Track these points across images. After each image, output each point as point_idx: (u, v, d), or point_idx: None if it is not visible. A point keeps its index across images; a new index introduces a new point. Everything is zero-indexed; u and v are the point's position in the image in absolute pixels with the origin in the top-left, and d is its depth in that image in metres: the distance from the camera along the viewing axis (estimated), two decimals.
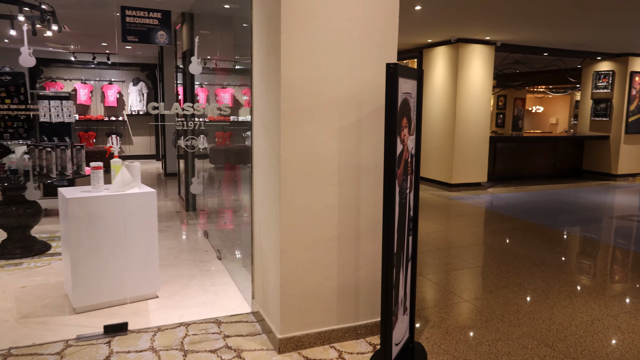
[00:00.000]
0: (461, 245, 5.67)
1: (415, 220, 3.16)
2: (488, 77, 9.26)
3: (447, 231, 6.29)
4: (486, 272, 4.74)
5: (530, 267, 4.87)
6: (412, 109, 3.00)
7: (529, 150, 10.94)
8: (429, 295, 4.15)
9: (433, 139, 9.79)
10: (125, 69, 12.79)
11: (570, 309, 3.88)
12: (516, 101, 18.66)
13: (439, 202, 8.30)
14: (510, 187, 9.96)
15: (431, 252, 5.39)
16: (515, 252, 5.41)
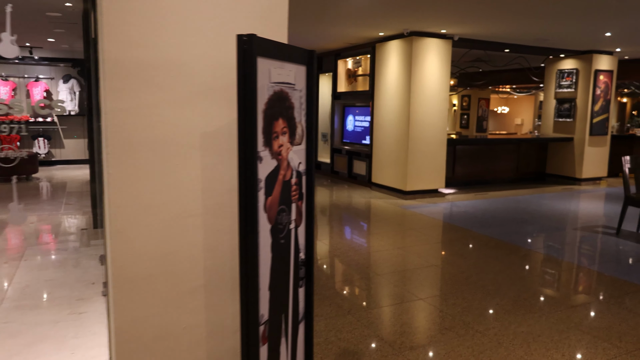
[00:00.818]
0: (406, 268, 4.82)
1: (310, 264, 2.26)
2: (445, 75, 8.49)
3: (393, 249, 5.44)
4: (430, 308, 3.89)
5: (483, 299, 4.05)
6: (297, 107, 2.10)
7: (490, 153, 10.24)
8: (348, 343, 3.27)
9: (386, 143, 8.98)
10: (55, 64, 11.60)
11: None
12: (480, 101, 18.10)
13: (391, 212, 7.47)
14: (470, 193, 9.22)
15: (368, 279, 4.53)
16: (467, 276, 4.59)
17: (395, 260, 5.08)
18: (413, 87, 8.24)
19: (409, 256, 5.23)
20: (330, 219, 7.01)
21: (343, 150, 10.66)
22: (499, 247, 5.59)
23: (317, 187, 9.99)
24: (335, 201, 8.42)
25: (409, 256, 5.23)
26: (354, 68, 10.31)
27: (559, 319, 3.69)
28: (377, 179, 9.30)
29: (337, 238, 6.03)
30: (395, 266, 4.89)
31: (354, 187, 9.82)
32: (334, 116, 10.96)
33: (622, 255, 5.37)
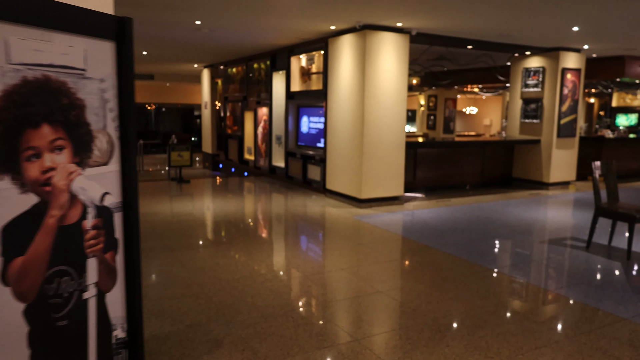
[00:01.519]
0: (345, 297, 4.08)
1: (137, 343, 1.48)
2: (403, 72, 7.81)
3: (335, 272, 4.70)
4: (363, 354, 3.15)
5: (431, 339, 3.32)
6: (96, 106, 1.31)
7: (454, 157, 9.63)
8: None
9: (340, 146, 8.25)
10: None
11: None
12: (447, 102, 17.59)
13: (342, 223, 6.74)
14: (432, 200, 8.57)
15: (294, 313, 3.76)
16: (416, 307, 3.88)
17: (334, 286, 4.33)
18: (367, 85, 7.53)
19: (352, 280, 4.49)
20: (270, 233, 6.24)
21: (297, 154, 9.91)
22: (457, 267, 4.90)
23: (268, 194, 9.20)
24: (283, 211, 7.65)
25: (352, 280, 4.49)
26: (307, 65, 9.57)
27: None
28: (332, 185, 8.57)
29: (271, 258, 5.26)
30: (333, 294, 4.14)
31: (308, 194, 9.07)
32: (288, 117, 10.19)
33: (593, 276, 4.75)
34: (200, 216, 7.09)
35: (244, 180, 11.29)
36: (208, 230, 6.31)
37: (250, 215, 7.29)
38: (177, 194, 9.03)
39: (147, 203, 8.00)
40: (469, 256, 5.26)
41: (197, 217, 7.02)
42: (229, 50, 11.36)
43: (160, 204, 8.00)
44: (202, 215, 7.14)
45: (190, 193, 9.24)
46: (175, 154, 10.40)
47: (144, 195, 9.05)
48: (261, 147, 11.65)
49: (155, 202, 8.10)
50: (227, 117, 14.05)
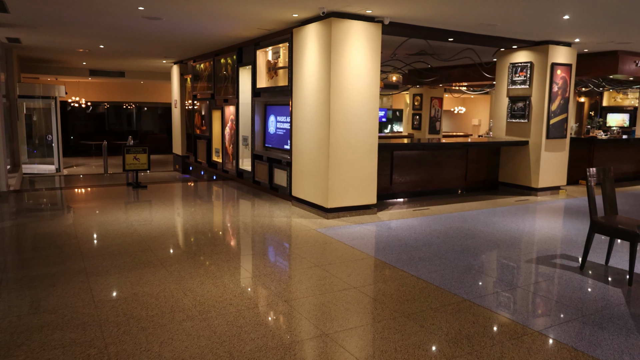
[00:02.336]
0: (277, 344, 3.22)
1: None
2: (374, 67, 6.96)
3: (276, 305, 3.84)
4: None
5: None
6: None
7: (434, 160, 8.80)
8: None
9: (306, 149, 7.39)
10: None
11: None
12: (433, 101, 16.80)
13: (302, 238, 5.88)
14: (409, 208, 7.74)
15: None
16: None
17: (269, 329, 3.46)
18: (334, 81, 6.68)
19: (295, 318, 3.63)
20: (215, 252, 5.36)
21: (264, 157, 9.03)
22: (427, 297, 4.06)
23: (229, 203, 8.31)
24: (240, 223, 6.77)
25: (294, 318, 3.63)
26: (273, 60, 8.69)
27: None
28: (298, 192, 7.70)
29: (204, 286, 4.38)
30: (264, 339, 3.27)
31: (275, 201, 8.20)
32: (254, 116, 9.31)
33: (588, 309, 3.92)
34: (144, 230, 6.20)
35: (210, 185, 10.39)
36: (144, 249, 5.42)
37: (202, 229, 6.42)
38: (129, 202, 8.12)
39: (88, 213, 7.09)
40: (443, 281, 4.42)
41: (140, 232, 6.12)
42: (193, 44, 10.46)
43: (104, 213, 7.09)
44: (146, 229, 6.25)
45: (145, 200, 8.34)
46: (131, 157, 9.48)
47: (90, 202, 8.12)
48: (229, 149, 10.77)
49: (100, 212, 7.19)
50: (195, 116, 13.15)
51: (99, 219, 6.76)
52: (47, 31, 9.18)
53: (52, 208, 7.81)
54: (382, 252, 5.37)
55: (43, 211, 7.54)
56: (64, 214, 7.15)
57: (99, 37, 9.76)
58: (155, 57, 13.17)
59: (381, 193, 8.18)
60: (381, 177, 8.15)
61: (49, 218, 6.97)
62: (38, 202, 8.32)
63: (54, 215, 7.24)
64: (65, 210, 7.57)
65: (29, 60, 15.71)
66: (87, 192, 9.41)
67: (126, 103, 25.20)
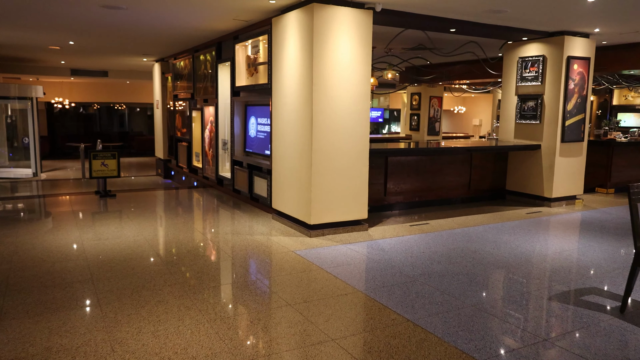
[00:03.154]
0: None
1: None
2: (365, 61, 5.99)
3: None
4: None
5: None
6: None
7: (434, 166, 7.84)
8: None
9: (287, 155, 6.43)
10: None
11: None
12: (432, 100, 15.83)
13: (277, 263, 4.92)
14: (406, 222, 6.77)
15: None
16: None
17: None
18: (317, 77, 5.71)
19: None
20: (166, 284, 4.39)
21: (244, 163, 8.07)
22: (425, 354, 3.10)
23: (201, 216, 7.34)
24: (209, 241, 5.80)
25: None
26: (253, 54, 7.73)
27: None
28: (279, 204, 6.74)
29: (126, 346, 3.42)
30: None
31: (254, 214, 7.24)
32: (234, 118, 8.35)
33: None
34: (94, 252, 5.25)
35: (187, 194, 9.43)
36: (84, 279, 4.47)
37: (163, 250, 5.47)
38: (90, 214, 7.15)
39: (37, 228, 6.12)
40: (446, 329, 3.45)
41: (88, 254, 5.17)
42: (168, 39, 9.50)
43: (55, 229, 6.13)
44: (97, 250, 5.29)
45: (109, 212, 7.37)
46: (98, 163, 8.52)
47: (45, 214, 7.15)
48: (208, 153, 9.81)
49: (52, 227, 6.23)
50: (176, 118, 12.18)
51: (46, 237, 5.80)
52: (5, 25, 8.23)
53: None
54: (372, 283, 4.40)
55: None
56: (3, 231, 6.18)
57: (65, 32, 8.80)
58: (133, 54, 12.21)
59: (374, 204, 7.22)
60: (374, 187, 7.19)
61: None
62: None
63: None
64: (10, 224, 6.60)
65: (6, 60, 14.77)
66: (49, 202, 8.45)
67: (116, 104, 24.26)
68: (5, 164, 14.84)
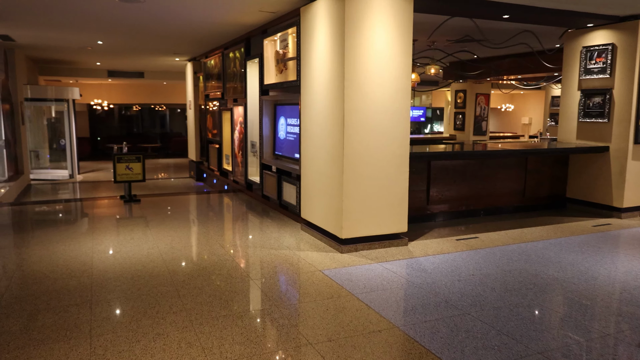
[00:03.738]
0: None
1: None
2: (404, 52, 5.24)
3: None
4: None
5: None
6: None
7: (484, 170, 6.99)
8: None
9: (316, 159, 5.76)
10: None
11: None
12: (478, 97, 14.83)
13: (304, 285, 4.26)
14: (451, 236, 5.98)
15: None
16: None
17: None
18: (349, 72, 5.01)
19: None
20: (170, 312, 3.80)
21: (273, 167, 7.46)
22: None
23: (226, 225, 6.75)
24: (228, 257, 5.18)
25: None
26: (282, 49, 7.10)
27: None
28: (308, 214, 6.08)
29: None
30: None
31: (282, 223, 6.61)
32: (262, 119, 7.76)
33: None
34: (101, 267, 4.75)
35: (215, 199, 8.91)
36: (82, 301, 3.94)
37: (177, 267, 4.91)
38: (110, 222, 6.70)
39: (49, 238, 5.68)
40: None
41: (95, 270, 4.67)
42: (195, 37, 9.01)
43: (68, 239, 5.68)
44: (106, 266, 4.79)
45: (130, 220, 6.91)
46: (122, 167, 8.10)
47: (63, 221, 6.74)
48: (238, 156, 9.27)
49: (65, 237, 5.78)
50: (207, 118, 11.73)
51: (57, 247, 5.34)
52: (31, 25, 7.95)
53: (6, 231, 6.48)
54: (411, 317, 3.67)
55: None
56: (16, 240, 5.78)
57: (91, 31, 8.45)
58: (164, 54, 11.84)
59: (415, 214, 6.46)
60: (415, 194, 6.43)
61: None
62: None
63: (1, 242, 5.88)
64: (24, 231, 6.20)
65: (46, 62, 14.78)
66: (71, 207, 8.09)
67: (157, 105, 24.31)
68: (44, 165, 14.84)
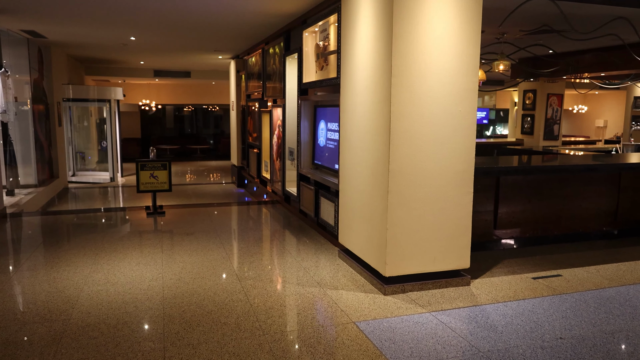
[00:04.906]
0: None
1: None
2: (471, 41, 4.09)
3: None
4: None
5: None
6: None
7: (565, 187, 5.70)
8: None
9: (356, 175, 4.71)
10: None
11: None
12: (550, 98, 13.25)
13: (329, 344, 3.23)
14: (525, 271, 4.76)
15: None
16: None
17: None
18: (398, 66, 3.92)
19: None
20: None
21: (311, 179, 6.47)
22: None
23: (258, 246, 5.80)
24: (246, 294, 4.22)
25: None
26: (322, 42, 6.10)
27: None
28: (346, 239, 5.03)
29: None
30: None
31: (318, 245, 5.61)
32: (300, 122, 6.79)
33: None
34: (92, 303, 3.93)
35: (250, 212, 8.02)
36: (55, 350, 3.10)
37: (172, 310, 4.02)
38: (122, 240, 5.93)
39: (49, 260, 4.94)
40: None
41: (83, 308, 3.85)
42: (232, 30, 8.17)
43: (69, 263, 4.93)
44: (100, 300, 3.97)
45: (145, 237, 6.11)
46: (147, 175, 7.36)
47: (71, 239, 6.01)
48: (276, 163, 8.35)
49: (66, 259, 5.04)
50: (248, 121, 10.92)
51: (45, 277, 4.57)
52: (57, 20, 7.38)
53: (2, 250, 5.82)
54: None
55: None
56: (6, 262, 5.08)
57: (121, 26, 7.81)
58: (205, 51, 11.13)
59: (478, 240, 5.28)
60: (478, 216, 5.25)
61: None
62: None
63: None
64: (18, 254, 5.49)
65: (91, 62, 14.54)
66: (88, 219, 7.41)
67: (210, 105, 24.02)
68: (89, 167, 14.59)
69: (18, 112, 8.93)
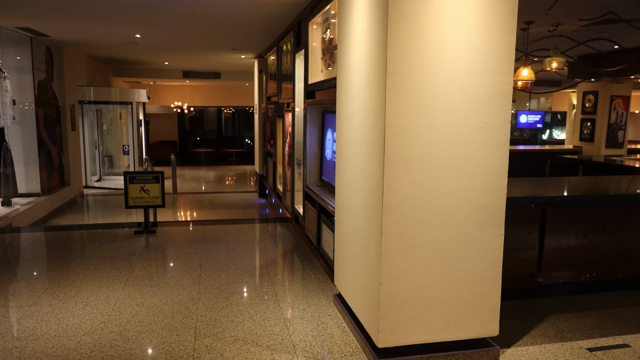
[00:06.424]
0: None
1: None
2: (502, 31, 2.94)
3: None
4: None
5: None
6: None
7: (634, 219, 4.40)
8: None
9: (350, 204, 3.63)
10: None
11: None
12: (614, 100, 11.62)
13: None
14: (578, 338, 3.54)
15: None
16: None
17: None
18: (394, 63, 2.81)
19: None
20: None
21: (315, 198, 5.43)
22: None
23: (252, 279, 4.80)
24: (194, 357, 3.24)
25: None
26: (325, 34, 5.05)
27: None
28: (341, 283, 3.95)
29: None
30: None
31: (314, 285, 4.57)
32: (306, 130, 5.77)
33: None
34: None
35: (252, 231, 7.05)
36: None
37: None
38: (92, 266, 5.10)
39: (24, 296, 4.16)
40: None
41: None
42: (245, 24, 7.26)
43: (11, 302, 4.13)
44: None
45: (120, 264, 5.25)
46: (137, 188, 6.53)
47: (32, 268, 5.23)
48: (288, 176, 7.37)
49: (14, 296, 4.25)
50: (267, 126, 10.00)
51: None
52: (52, 16, 6.71)
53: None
54: None
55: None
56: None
57: (122, 22, 7.05)
58: (222, 49, 10.30)
59: (515, 285, 4.09)
60: (516, 254, 4.06)
61: None
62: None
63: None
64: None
65: (117, 63, 14.09)
66: (68, 239, 6.66)
67: (250, 107, 23.45)
68: (114, 172, 14.13)
69: (17, 116, 8.36)
